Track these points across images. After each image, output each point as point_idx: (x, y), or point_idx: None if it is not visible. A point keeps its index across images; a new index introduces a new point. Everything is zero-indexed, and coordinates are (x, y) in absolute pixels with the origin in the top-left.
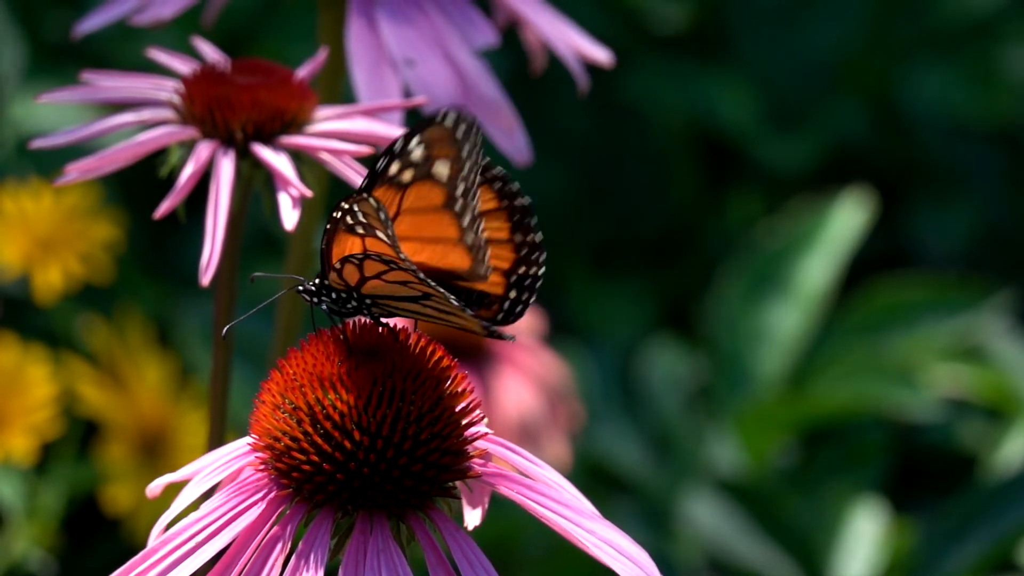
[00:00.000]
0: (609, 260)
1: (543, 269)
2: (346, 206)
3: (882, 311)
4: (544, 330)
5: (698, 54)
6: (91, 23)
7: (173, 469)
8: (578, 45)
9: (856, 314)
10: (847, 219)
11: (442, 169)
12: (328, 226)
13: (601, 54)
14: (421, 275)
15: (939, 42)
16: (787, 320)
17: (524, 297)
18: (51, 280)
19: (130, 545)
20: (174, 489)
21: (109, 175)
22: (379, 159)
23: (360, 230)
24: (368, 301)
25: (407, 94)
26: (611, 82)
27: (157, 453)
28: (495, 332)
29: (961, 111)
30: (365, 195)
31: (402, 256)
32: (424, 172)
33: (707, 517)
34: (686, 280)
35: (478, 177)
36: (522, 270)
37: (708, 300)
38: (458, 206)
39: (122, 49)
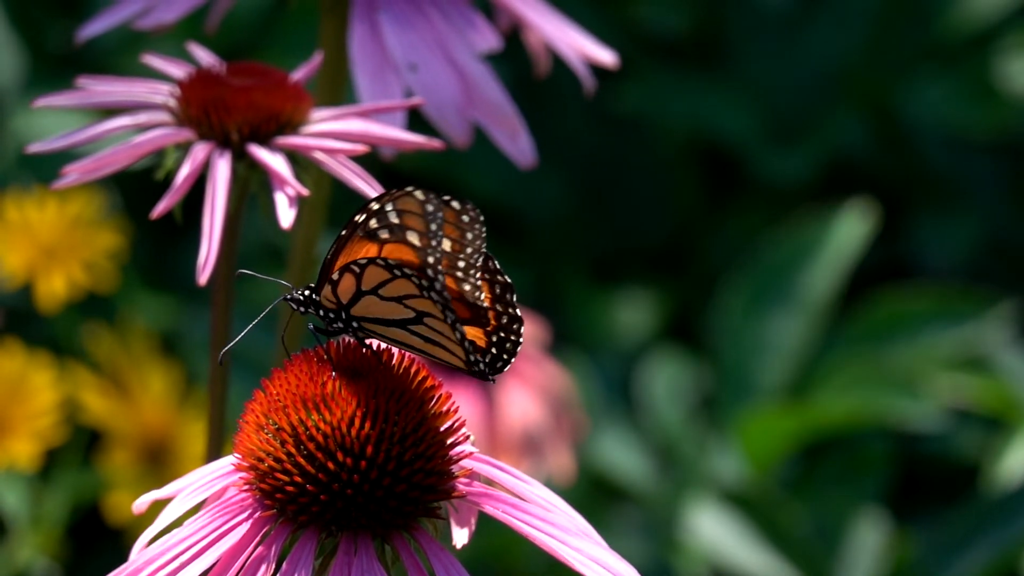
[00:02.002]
0: (611, 271)
1: (522, 338)
2: (376, 206)
3: (885, 322)
4: (547, 340)
5: (699, 65)
6: (94, 28)
7: (177, 478)
8: (582, 47)
9: (859, 325)
10: (849, 230)
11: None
12: (344, 231)
13: (606, 55)
14: (440, 278)
15: (940, 54)
16: (790, 331)
17: (505, 357)
18: (55, 288)
19: None
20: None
21: (111, 184)
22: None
23: (385, 234)
24: (355, 324)
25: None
26: (612, 93)
27: (161, 462)
28: (477, 371)
29: (962, 123)
30: (409, 189)
31: (434, 256)
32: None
33: (710, 527)
34: (688, 291)
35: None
36: (501, 335)
37: (711, 311)
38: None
39: (124, 59)
